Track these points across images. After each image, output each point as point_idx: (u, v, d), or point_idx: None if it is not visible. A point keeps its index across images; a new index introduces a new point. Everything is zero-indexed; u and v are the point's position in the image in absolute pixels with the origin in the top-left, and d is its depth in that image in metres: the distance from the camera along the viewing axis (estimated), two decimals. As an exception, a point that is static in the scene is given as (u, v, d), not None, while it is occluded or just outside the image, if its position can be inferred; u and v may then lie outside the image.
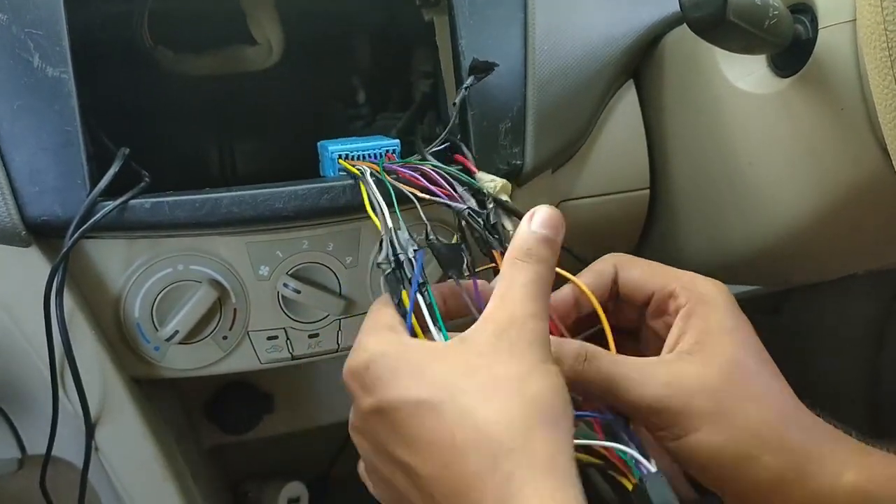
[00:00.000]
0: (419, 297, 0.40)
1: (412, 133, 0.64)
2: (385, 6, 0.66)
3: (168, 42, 0.60)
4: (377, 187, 0.45)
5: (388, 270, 0.42)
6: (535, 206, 0.49)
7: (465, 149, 0.53)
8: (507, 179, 0.55)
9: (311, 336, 0.56)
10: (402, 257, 0.41)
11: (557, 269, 0.41)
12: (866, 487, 0.37)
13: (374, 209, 0.44)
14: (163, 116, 0.62)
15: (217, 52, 0.62)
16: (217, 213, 0.48)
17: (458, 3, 0.54)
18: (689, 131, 0.58)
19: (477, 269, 0.44)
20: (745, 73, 0.52)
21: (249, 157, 0.68)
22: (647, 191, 0.63)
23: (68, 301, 0.49)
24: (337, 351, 0.57)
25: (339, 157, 0.50)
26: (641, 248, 0.69)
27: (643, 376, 0.39)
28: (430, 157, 0.50)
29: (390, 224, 0.43)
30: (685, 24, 0.43)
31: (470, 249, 0.45)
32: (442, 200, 0.45)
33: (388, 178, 0.47)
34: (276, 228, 0.51)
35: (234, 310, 0.53)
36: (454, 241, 0.47)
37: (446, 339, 0.38)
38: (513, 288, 0.37)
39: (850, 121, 0.45)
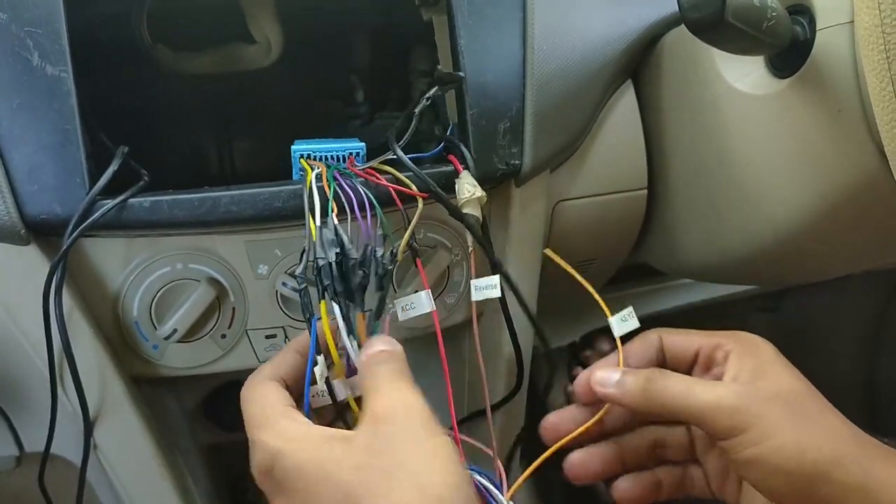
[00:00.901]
0: (335, 306, 0.40)
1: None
2: (384, 5, 0.66)
3: (167, 41, 0.60)
4: (318, 191, 0.45)
5: (302, 285, 0.42)
6: (534, 205, 0.50)
7: (463, 148, 0.53)
8: (506, 179, 0.56)
9: (309, 335, 0.56)
10: (320, 261, 0.41)
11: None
12: None
13: (311, 212, 0.43)
14: (162, 115, 0.63)
15: (216, 51, 0.62)
16: (216, 211, 0.48)
17: (457, 3, 0.54)
18: (688, 132, 0.58)
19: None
20: (743, 74, 0.52)
21: (248, 155, 0.68)
22: (645, 191, 0.63)
23: (67, 299, 0.49)
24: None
25: (301, 156, 0.49)
26: (639, 248, 0.69)
27: (716, 385, 0.41)
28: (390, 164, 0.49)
29: (313, 229, 0.42)
30: (684, 24, 0.43)
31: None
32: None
33: (324, 183, 0.46)
34: (275, 227, 0.51)
35: (233, 308, 0.53)
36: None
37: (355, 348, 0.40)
38: (377, 378, 0.38)
39: (848, 122, 0.45)
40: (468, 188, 0.49)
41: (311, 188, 0.45)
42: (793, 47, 0.46)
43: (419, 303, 0.44)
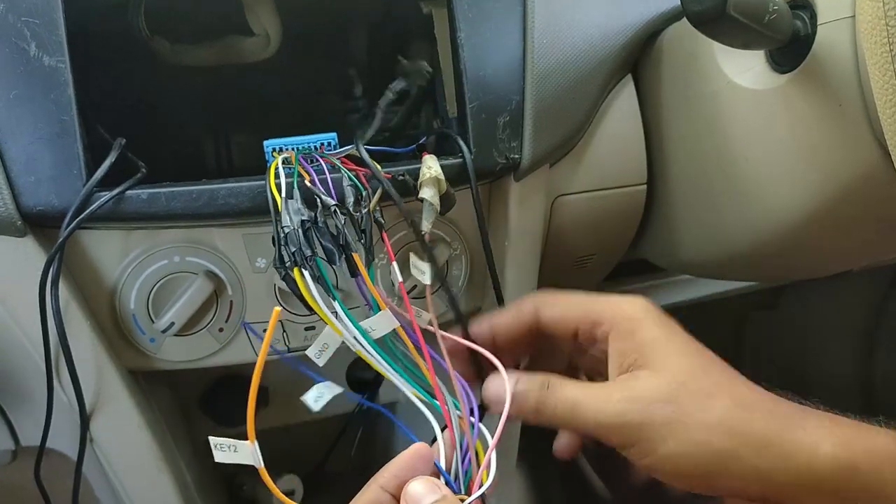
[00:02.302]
0: (304, 273, 0.41)
1: (409, 126, 0.64)
2: (384, -2, 0.66)
3: (165, 32, 0.60)
4: (286, 177, 0.45)
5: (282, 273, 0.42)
6: (533, 200, 0.49)
7: (460, 142, 0.53)
8: (505, 173, 0.56)
9: (307, 329, 0.56)
10: (286, 229, 0.41)
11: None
12: (846, 457, 0.38)
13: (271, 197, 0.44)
14: (159, 107, 0.62)
15: (214, 43, 0.62)
16: (214, 204, 0.48)
17: (457, -4, 0.54)
18: (687, 127, 0.58)
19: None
20: (744, 69, 0.52)
21: (246, 148, 0.67)
22: (645, 186, 0.63)
23: (64, 292, 0.48)
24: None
25: (273, 149, 0.49)
26: (638, 243, 0.69)
27: (599, 398, 0.40)
28: (362, 149, 0.49)
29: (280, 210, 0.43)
30: (684, 18, 0.43)
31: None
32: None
33: (298, 167, 0.46)
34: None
35: (231, 302, 0.53)
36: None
37: (342, 306, 0.40)
38: None
39: (848, 117, 0.45)
40: (426, 169, 0.49)
41: (276, 169, 0.45)
42: (793, 42, 0.46)
43: (383, 321, 0.43)
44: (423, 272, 0.47)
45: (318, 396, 0.45)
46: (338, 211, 0.43)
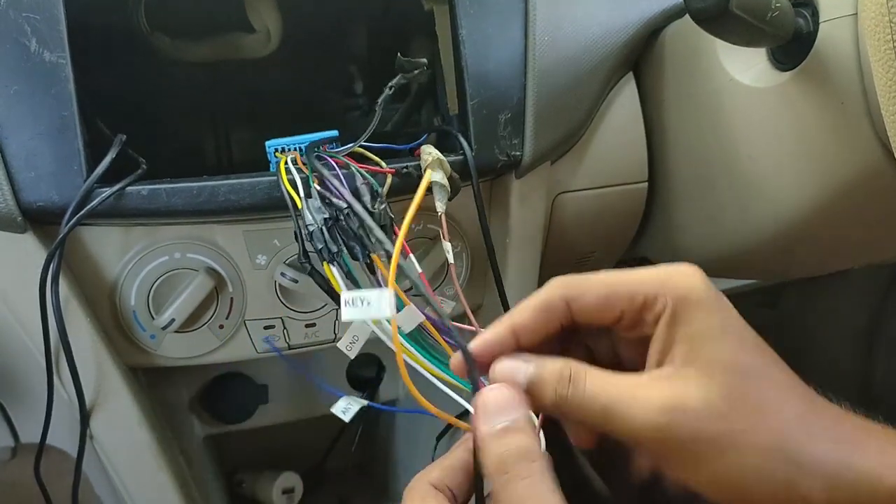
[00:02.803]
0: (332, 268, 0.40)
1: (410, 124, 0.64)
2: (385, -5, 0.66)
3: (165, 28, 0.60)
4: (297, 174, 0.45)
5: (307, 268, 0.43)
6: (534, 197, 0.47)
7: (461, 139, 0.53)
8: (507, 170, 0.56)
9: (307, 326, 0.56)
10: (310, 228, 0.41)
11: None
12: None
13: (289, 197, 0.44)
14: (160, 104, 0.62)
15: (214, 40, 0.62)
16: (215, 200, 0.48)
17: (458, -7, 0.54)
18: (689, 124, 0.58)
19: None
20: (746, 67, 0.52)
21: (246, 145, 0.67)
22: (646, 183, 0.63)
23: (64, 288, 0.48)
24: (333, 341, 0.57)
25: (276, 149, 0.49)
26: (639, 241, 0.69)
27: (636, 401, 0.33)
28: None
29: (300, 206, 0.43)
30: (686, 16, 0.43)
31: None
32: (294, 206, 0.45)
33: (301, 165, 0.46)
34: (274, 217, 0.51)
35: (231, 299, 0.53)
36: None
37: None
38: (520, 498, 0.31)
39: (850, 115, 0.45)
40: (426, 155, 0.49)
41: (287, 167, 0.45)
42: (795, 40, 0.46)
43: (409, 316, 0.42)
44: (446, 251, 0.47)
45: (346, 408, 0.45)
46: (352, 210, 0.42)
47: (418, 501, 0.34)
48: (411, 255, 0.46)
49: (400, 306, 0.42)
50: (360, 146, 0.49)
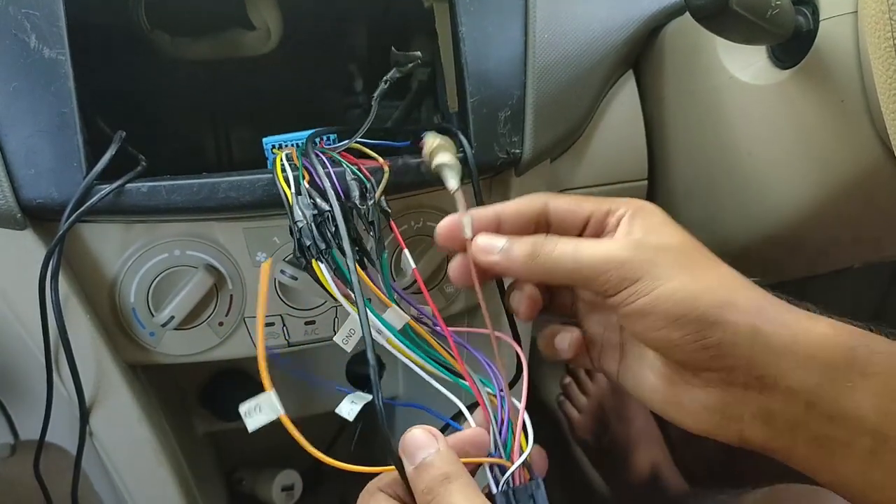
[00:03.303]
0: (321, 265, 0.41)
1: (409, 121, 0.64)
2: (385, -8, 0.66)
3: (165, 26, 0.60)
4: (291, 171, 0.45)
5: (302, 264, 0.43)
6: (533, 194, 0.47)
7: (461, 136, 0.53)
8: (506, 168, 0.56)
9: (307, 323, 0.56)
10: (299, 224, 0.42)
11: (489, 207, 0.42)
12: (843, 339, 0.36)
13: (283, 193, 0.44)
14: (159, 101, 0.62)
15: (214, 37, 0.62)
16: (214, 197, 0.48)
17: (458, -9, 0.54)
18: (689, 122, 0.58)
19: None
20: (746, 65, 0.52)
21: (246, 143, 0.67)
22: (646, 181, 0.63)
23: (63, 285, 0.48)
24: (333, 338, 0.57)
25: (273, 146, 0.49)
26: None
27: (603, 242, 0.39)
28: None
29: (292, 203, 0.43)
30: (686, 14, 0.43)
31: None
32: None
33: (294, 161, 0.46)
34: (274, 214, 0.51)
35: (231, 296, 0.53)
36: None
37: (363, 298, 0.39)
38: None
39: (850, 113, 0.45)
40: (430, 140, 0.48)
41: (282, 164, 0.45)
42: (796, 37, 0.46)
43: (393, 317, 0.43)
44: (465, 226, 0.43)
45: (350, 409, 0.45)
46: (332, 214, 0.42)
47: (367, 499, 0.37)
48: (406, 251, 0.46)
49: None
50: (358, 142, 0.49)
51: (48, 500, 0.60)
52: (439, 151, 0.47)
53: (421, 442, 0.36)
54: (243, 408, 0.40)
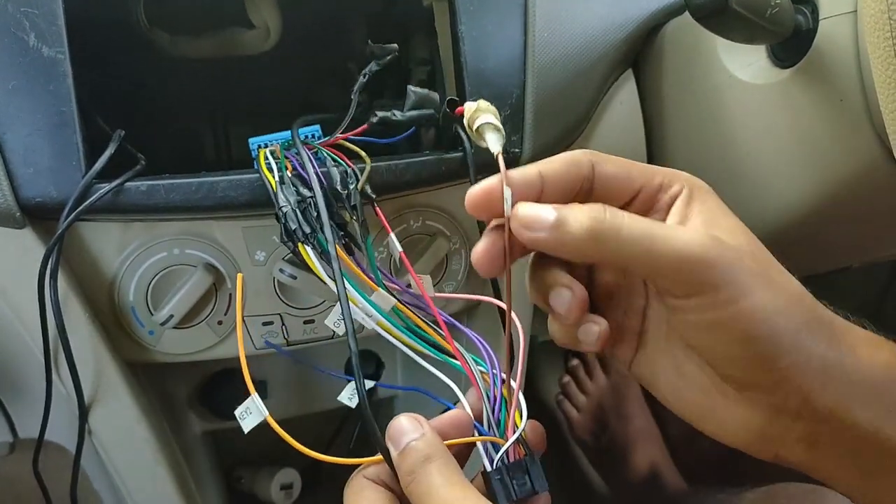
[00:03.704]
0: (307, 248, 0.42)
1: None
2: (384, -9, 0.66)
3: (164, 24, 0.60)
4: (274, 162, 0.47)
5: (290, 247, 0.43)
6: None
7: (462, 135, 0.53)
8: (504, 168, 0.55)
9: (306, 322, 0.56)
10: (284, 209, 0.43)
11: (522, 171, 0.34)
12: None
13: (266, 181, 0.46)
14: (158, 99, 0.62)
15: (214, 35, 0.62)
16: (213, 196, 0.48)
17: (458, -11, 0.54)
18: (688, 121, 0.58)
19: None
20: (745, 64, 0.52)
21: (245, 142, 0.67)
22: (645, 181, 0.63)
23: (62, 284, 0.48)
24: (332, 337, 0.57)
25: (259, 146, 0.49)
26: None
27: (679, 230, 0.32)
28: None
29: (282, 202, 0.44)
30: (686, 12, 0.43)
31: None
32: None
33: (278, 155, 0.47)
34: (273, 213, 0.51)
35: (230, 295, 0.53)
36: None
37: (350, 281, 0.39)
38: (430, 487, 0.33)
39: (849, 112, 0.45)
40: (471, 105, 0.42)
41: (266, 159, 0.47)
42: (795, 37, 0.46)
43: (380, 300, 0.42)
44: (506, 199, 0.36)
45: (352, 395, 0.46)
46: (314, 200, 0.43)
47: (355, 493, 0.36)
48: (392, 235, 0.46)
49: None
50: (341, 138, 0.49)
51: (47, 499, 0.60)
52: (482, 113, 0.43)
53: (406, 428, 0.35)
54: (238, 411, 0.41)
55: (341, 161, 0.48)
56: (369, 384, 0.49)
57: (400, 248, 0.46)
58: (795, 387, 0.33)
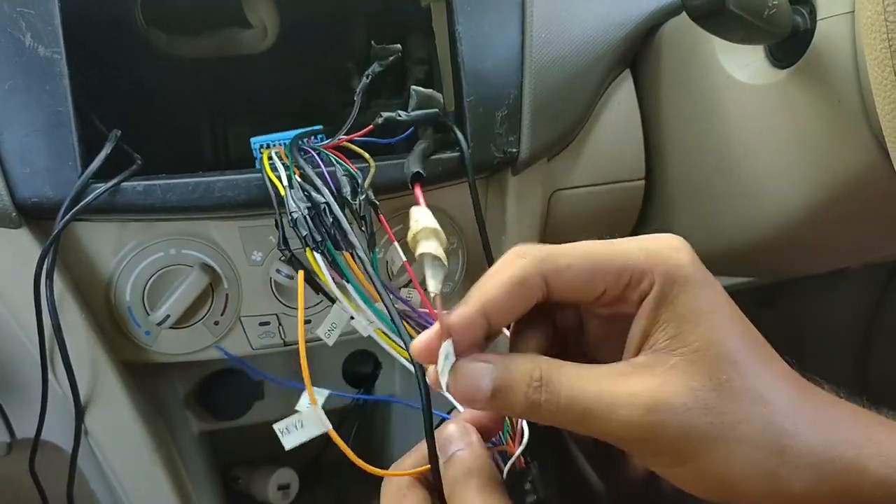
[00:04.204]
0: (316, 255, 0.41)
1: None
2: (382, -9, 0.66)
3: (161, 24, 0.60)
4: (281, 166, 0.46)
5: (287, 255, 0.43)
6: (530, 194, 0.45)
7: (458, 133, 0.53)
8: (503, 167, 0.55)
9: (304, 322, 0.56)
10: (294, 215, 0.42)
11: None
12: (894, 481, 0.31)
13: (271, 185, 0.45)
14: (155, 99, 0.62)
15: (211, 35, 0.62)
16: (210, 196, 0.48)
17: (455, -11, 0.54)
18: (686, 122, 0.58)
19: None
20: (743, 64, 0.51)
21: (242, 141, 0.67)
22: (643, 181, 0.63)
23: (58, 284, 0.48)
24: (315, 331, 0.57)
25: (261, 145, 0.49)
26: (636, 238, 0.69)
27: (618, 398, 0.31)
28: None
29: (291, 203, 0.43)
30: (683, 13, 0.43)
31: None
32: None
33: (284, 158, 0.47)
34: (270, 213, 0.51)
35: (226, 295, 0.53)
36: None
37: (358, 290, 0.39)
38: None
39: (847, 113, 0.45)
40: (414, 221, 0.40)
41: (271, 161, 0.46)
42: (793, 37, 0.46)
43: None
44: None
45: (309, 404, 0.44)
46: (330, 209, 0.43)
47: (396, 495, 0.35)
48: (396, 244, 0.46)
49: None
50: (345, 140, 0.49)
51: (44, 499, 0.60)
52: (425, 237, 0.38)
53: (454, 436, 0.35)
54: (278, 427, 0.37)
55: (349, 168, 0.47)
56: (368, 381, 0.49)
57: (404, 258, 0.46)
58: None
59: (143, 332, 0.53)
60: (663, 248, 0.33)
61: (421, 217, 0.39)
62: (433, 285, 0.35)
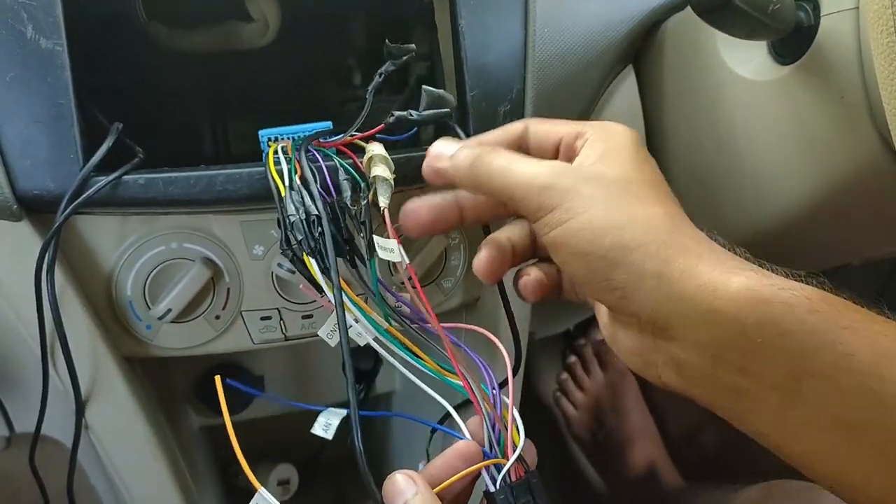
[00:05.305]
0: (312, 260, 0.41)
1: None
2: (384, -15, 0.65)
3: (162, 17, 0.59)
4: (285, 163, 0.46)
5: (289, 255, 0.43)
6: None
7: (458, 131, 0.53)
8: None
9: (304, 317, 0.56)
10: (291, 218, 0.42)
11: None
12: (757, 290, 0.33)
13: (274, 184, 0.45)
14: (157, 93, 0.62)
15: (212, 29, 0.62)
16: (212, 190, 0.48)
17: (458, -16, 0.53)
18: (688, 118, 0.58)
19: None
20: (746, 60, 0.51)
21: (243, 135, 0.67)
22: (644, 177, 0.63)
23: (59, 277, 0.48)
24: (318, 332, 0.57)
25: (269, 139, 0.49)
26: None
27: (533, 162, 0.39)
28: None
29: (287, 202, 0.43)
30: (686, 9, 0.43)
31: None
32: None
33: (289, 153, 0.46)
34: (272, 207, 0.50)
35: (228, 289, 0.53)
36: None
37: (350, 298, 0.41)
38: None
39: (850, 109, 0.45)
40: (369, 150, 0.47)
41: (275, 156, 0.45)
42: (796, 33, 0.46)
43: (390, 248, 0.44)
44: (391, 250, 0.44)
45: (326, 425, 0.45)
46: (322, 217, 0.42)
47: None
48: (399, 246, 0.46)
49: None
50: (353, 137, 0.49)
51: (43, 493, 0.60)
52: (375, 163, 0.46)
53: (400, 487, 0.37)
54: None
55: (352, 170, 0.47)
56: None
57: (407, 261, 0.45)
58: (638, 305, 0.35)
59: (145, 327, 0.52)
60: (611, 122, 0.41)
61: (374, 147, 0.47)
62: (383, 201, 0.45)
